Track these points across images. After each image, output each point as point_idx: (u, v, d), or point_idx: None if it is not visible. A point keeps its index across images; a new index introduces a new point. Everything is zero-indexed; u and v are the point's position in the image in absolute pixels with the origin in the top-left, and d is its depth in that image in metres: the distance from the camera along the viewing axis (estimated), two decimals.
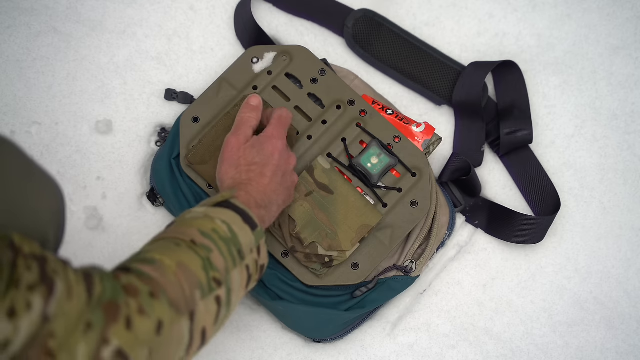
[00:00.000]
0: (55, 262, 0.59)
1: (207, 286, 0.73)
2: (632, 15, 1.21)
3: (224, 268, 0.76)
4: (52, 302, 0.56)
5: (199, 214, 0.79)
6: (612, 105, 1.18)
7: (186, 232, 0.76)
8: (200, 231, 0.76)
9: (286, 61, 1.07)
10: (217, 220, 0.78)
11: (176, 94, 1.12)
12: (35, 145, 1.09)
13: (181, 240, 0.74)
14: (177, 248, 0.73)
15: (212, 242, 0.76)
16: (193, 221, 0.78)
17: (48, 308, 0.55)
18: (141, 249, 0.75)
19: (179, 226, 0.78)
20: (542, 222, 1.10)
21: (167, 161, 1.04)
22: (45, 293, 0.55)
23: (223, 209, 0.81)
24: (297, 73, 1.07)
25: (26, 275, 0.55)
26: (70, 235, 1.05)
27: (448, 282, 1.10)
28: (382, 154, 1.02)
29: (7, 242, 0.55)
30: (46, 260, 0.58)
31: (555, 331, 1.09)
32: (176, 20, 1.17)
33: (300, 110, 1.06)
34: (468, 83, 1.14)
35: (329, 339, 1.05)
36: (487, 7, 1.21)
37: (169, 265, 0.70)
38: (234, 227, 0.79)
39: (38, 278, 0.55)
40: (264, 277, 1.00)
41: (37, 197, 0.63)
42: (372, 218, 0.98)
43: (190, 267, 0.72)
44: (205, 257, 0.74)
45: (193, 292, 0.71)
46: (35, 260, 0.56)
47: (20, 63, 1.12)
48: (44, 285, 0.56)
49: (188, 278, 0.71)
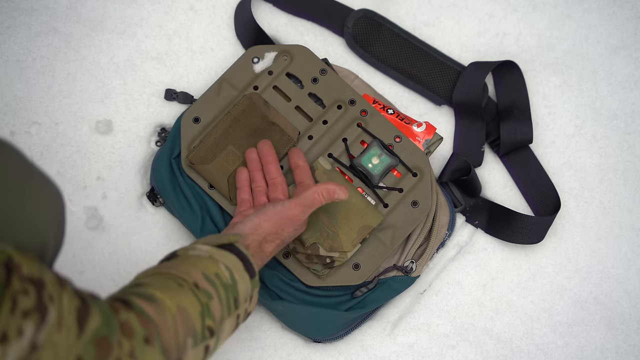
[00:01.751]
0: (53, 285, 0.58)
1: (200, 335, 0.73)
2: (632, 15, 1.21)
3: (219, 317, 0.76)
4: (43, 330, 0.55)
5: (204, 253, 0.79)
6: (612, 105, 1.18)
7: (190, 273, 0.75)
8: (204, 275, 0.76)
9: (287, 61, 1.07)
10: (220, 264, 0.79)
11: (176, 94, 1.12)
12: (35, 145, 1.09)
13: (184, 281, 0.74)
14: (179, 289, 0.73)
15: (214, 288, 0.76)
16: (197, 261, 0.78)
17: (38, 336, 0.54)
18: (142, 280, 0.74)
19: (182, 263, 0.78)
20: (542, 222, 1.10)
21: (167, 161, 1.04)
22: (38, 320, 0.54)
23: (227, 252, 0.81)
24: (298, 73, 1.07)
25: (22, 300, 0.54)
26: (70, 235, 1.05)
27: (448, 282, 1.11)
28: (383, 154, 1.02)
29: (3, 259, 0.54)
30: (43, 285, 0.57)
31: (555, 331, 1.09)
32: (176, 20, 1.16)
33: (301, 110, 1.06)
34: (468, 83, 1.14)
35: (329, 339, 1.05)
36: (487, 7, 1.21)
37: (169, 307, 0.70)
38: (235, 275, 0.79)
39: (34, 305, 0.54)
40: (264, 277, 1.00)
41: (37, 201, 0.63)
42: (373, 219, 0.98)
43: (189, 312, 0.71)
44: (205, 304, 0.74)
45: (186, 339, 0.70)
46: (33, 285, 0.55)
47: (20, 63, 1.11)
48: (38, 313, 0.55)
49: (185, 324, 0.70)
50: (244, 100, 1.04)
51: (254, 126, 1.03)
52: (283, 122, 1.03)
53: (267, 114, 1.03)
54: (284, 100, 1.06)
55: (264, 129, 1.03)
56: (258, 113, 1.03)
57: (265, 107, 1.04)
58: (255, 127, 1.03)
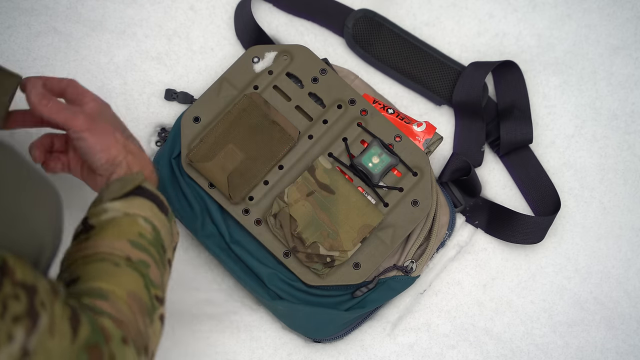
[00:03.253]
0: (46, 293, 0.57)
1: (151, 308, 0.72)
2: (632, 15, 1.21)
3: (160, 281, 0.75)
4: (34, 336, 0.54)
5: (117, 213, 0.75)
6: (612, 105, 1.18)
7: (117, 247, 0.73)
8: (131, 242, 0.73)
9: (287, 61, 1.07)
10: (139, 219, 0.76)
11: (176, 94, 1.12)
12: None
13: (118, 257, 0.72)
14: (118, 270, 0.71)
15: (146, 252, 0.74)
16: (116, 228, 0.74)
17: (29, 342, 0.54)
18: (76, 271, 0.71)
19: (103, 237, 0.74)
20: (542, 222, 1.10)
21: (167, 161, 1.04)
22: (29, 326, 0.54)
23: (138, 198, 0.77)
24: (298, 72, 1.07)
25: (13, 305, 0.53)
26: (70, 236, 1.05)
27: (448, 282, 1.10)
28: (383, 154, 1.02)
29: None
30: (36, 291, 0.56)
31: (555, 331, 1.09)
32: (176, 20, 1.16)
33: (301, 109, 1.06)
34: (468, 83, 1.14)
35: (329, 339, 1.05)
36: (487, 7, 1.21)
37: (120, 297, 0.68)
38: (155, 223, 0.77)
39: (24, 310, 0.54)
40: (264, 277, 1.00)
41: (34, 202, 0.62)
42: (373, 218, 0.98)
43: (137, 292, 0.70)
44: (145, 275, 0.72)
45: (145, 321, 0.70)
46: (25, 290, 0.55)
47: (20, 63, 1.11)
48: (29, 318, 0.54)
49: (139, 307, 0.70)
50: (244, 100, 1.04)
51: (254, 125, 1.03)
52: (283, 122, 1.03)
53: (268, 113, 1.03)
54: (284, 99, 1.06)
55: (264, 128, 1.03)
56: (258, 112, 1.03)
57: (265, 106, 1.04)
58: (256, 126, 1.03)
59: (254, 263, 1.00)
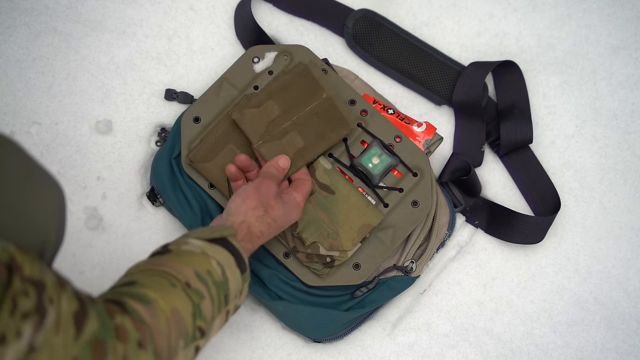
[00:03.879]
0: (53, 287, 0.58)
1: (191, 336, 0.73)
2: (632, 15, 1.21)
3: (210, 317, 0.76)
4: (41, 332, 0.55)
5: (196, 249, 0.79)
6: (612, 105, 1.18)
7: (182, 271, 0.75)
8: (196, 273, 0.76)
9: (287, 61, 1.07)
10: (212, 260, 0.78)
11: (176, 94, 1.12)
12: (35, 145, 1.08)
13: (177, 280, 0.74)
14: (172, 289, 0.72)
15: (206, 286, 0.76)
16: (189, 258, 0.77)
17: (36, 338, 0.54)
18: (135, 277, 0.73)
19: (174, 260, 0.77)
20: (542, 222, 1.10)
21: (167, 161, 1.04)
22: (37, 322, 0.54)
23: (219, 247, 0.80)
24: None
25: (23, 301, 0.54)
26: (70, 235, 1.05)
27: (448, 282, 1.11)
28: (384, 154, 1.02)
29: (5, 259, 0.54)
30: (44, 287, 0.57)
31: (555, 331, 1.09)
32: (176, 20, 1.16)
33: None
34: (468, 83, 1.14)
35: (329, 339, 1.05)
36: (487, 7, 1.21)
37: (162, 310, 0.69)
38: (227, 271, 0.79)
39: (34, 306, 0.54)
40: (264, 277, 1.00)
41: (38, 196, 0.63)
42: (373, 218, 0.98)
43: (182, 314, 0.71)
44: (196, 304, 0.74)
45: (178, 341, 0.70)
46: (34, 286, 0.55)
47: (20, 63, 1.11)
48: (37, 315, 0.55)
49: (177, 326, 0.70)
50: (244, 100, 1.04)
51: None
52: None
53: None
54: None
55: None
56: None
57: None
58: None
59: (254, 263, 1.00)
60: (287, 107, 1.00)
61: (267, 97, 1.01)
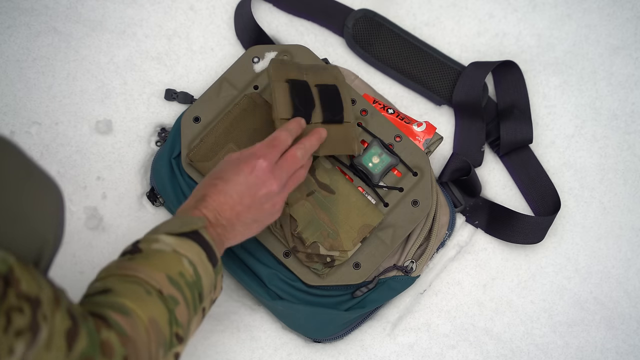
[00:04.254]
0: (49, 304, 0.58)
1: (169, 343, 0.73)
2: (632, 15, 1.21)
3: (186, 321, 0.76)
4: (33, 349, 0.55)
5: (167, 247, 0.77)
6: (612, 105, 1.18)
7: (155, 277, 0.74)
8: (169, 277, 0.75)
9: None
10: (184, 260, 0.77)
11: (176, 94, 1.12)
12: (35, 145, 1.08)
13: (151, 286, 0.73)
14: (148, 297, 0.72)
15: (179, 290, 0.75)
16: (161, 260, 0.76)
17: (28, 355, 0.54)
18: (110, 284, 0.72)
19: (146, 264, 0.75)
20: (542, 222, 1.10)
21: (167, 161, 1.04)
22: (29, 340, 0.54)
23: (191, 241, 0.79)
24: None
25: (17, 318, 0.53)
26: (70, 235, 1.05)
27: (448, 282, 1.11)
28: (384, 154, 1.02)
29: (4, 271, 0.54)
30: (39, 304, 0.56)
31: (555, 331, 1.09)
32: (176, 20, 1.16)
33: None
34: (468, 83, 1.14)
35: (329, 339, 1.05)
36: (487, 7, 1.21)
37: (141, 319, 0.69)
38: (199, 269, 0.78)
39: (28, 324, 0.54)
40: (264, 277, 1.00)
41: (36, 198, 0.62)
42: (373, 218, 0.98)
43: (159, 322, 0.71)
44: (172, 310, 0.73)
45: (158, 351, 0.70)
46: (29, 303, 0.55)
47: (20, 63, 1.11)
48: (30, 332, 0.54)
49: (156, 335, 0.70)
50: (244, 100, 1.04)
51: (255, 125, 1.03)
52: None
53: (268, 113, 1.03)
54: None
55: (264, 128, 1.03)
56: (259, 112, 1.03)
57: (266, 106, 1.04)
58: (256, 126, 1.03)
59: (254, 263, 1.00)
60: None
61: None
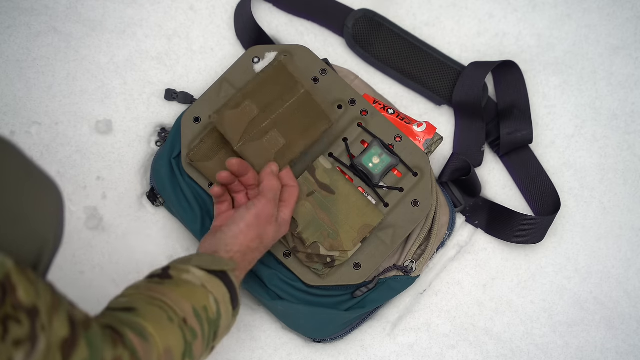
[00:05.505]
0: (47, 312, 0.57)
1: None
2: (632, 15, 1.21)
3: (199, 356, 0.77)
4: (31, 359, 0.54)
5: (196, 280, 0.79)
6: (612, 105, 1.18)
7: (181, 306, 0.75)
8: (194, 309, 0.76)
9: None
10: (210, 297, 0.79)
11: (176, 94, 1.12)
12: (35, 145, 1.08)
13: (175, 314, 0.74)
14: (169, 325, 0.73)
15: (200, 324, 0.76)
16: (189, 291, 0.78)
17: None
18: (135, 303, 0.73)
19: (175, 292, 0.77)
20: (542, 222, 1.10)
21: (167, 161, 1.04)
22: (28, 350, 0.54)
23: (218, 281, 0.81)
24: (298, 73, 1.06)
25: (15, 329, 0.53)
26: (70, 235, 1.05)
27: (448, 282, 1.11)
28: (384, 154, 1.02)
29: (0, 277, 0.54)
30: (37, 314, 0.56)
31: (555, 331, 1.09)
32: (176, 20, 1.16)
33: None
34: (468, 83, 1.14)
35: (329, 339, 1.05)
36: (487, 7, 1.21)
37: (157, 347, 0.70)
38: (222, 309, 0.80)
39: (27, 335, 0.54)
40: (264, 277, 1.00)
41: (36, 199, 0.62)
42: (373, 218, 0.98)
43: (174, 353, 0.72)
44: (189, 343, 0.74)
45: None
46: (27, 314, 0.55)
47: (20, 63, 1.11)
48: (29, 343, 0.54)
49: None
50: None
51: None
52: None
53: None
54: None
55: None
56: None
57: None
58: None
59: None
60: (265, 106, 0.99)
61: (244, 98, 0.99)
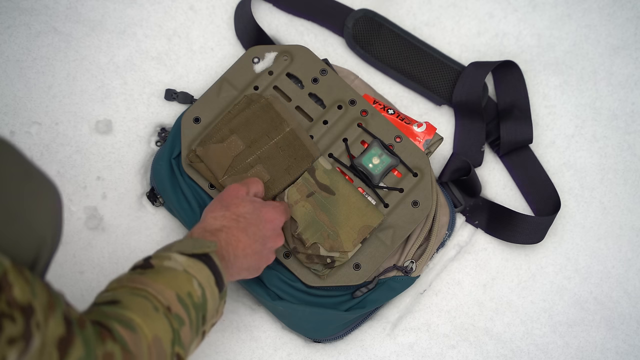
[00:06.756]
0: (42, 311, 0.57)
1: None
2: (632, 15, 1.21)
3: (188, 342, 0.76)
4: (25, 358, 0.54)
5: (178, 266, 0.78)
6: (612, 105, 1.18)
7: (165, 294, 0.75)
8: (178, 296, 0.75)
9: (287, 61, 1.07)
10: (194, 281, 0.78)
11: (176, 94, 1.12)
12: (35, 145, 1.08)
13: (160, 303, 0.74)
14: (155, 314, 0.72)
15: (186, 311, 0.76)
16: (172, 278, 0.77)
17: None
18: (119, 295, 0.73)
19: (157, 280, 0.76)
20: (542, 222, 1.10)
21: (167, 161, 1.04)
22: (22, 349, 0.54)
23: (201, 264, 0.80)
24: (298, 73, 1.06)
25: (9, 327, 0.53)
26: (70, 235, 1.05)
27: (448, 282, 1.11)
28: (384, 154, 1.02)
29: None
30: (32, 313, 0.56)
31: (555, 331, 1.09)
32: (176, 20, 1.16)
33: (301, 110, 1.06)
34: (468, 83, 1.14)
35: (329, 339, 1.05)
36: (487, 7, 1.21)
37: (146, 336, 0.69)
38: (207, 292, 0.79)
39: (20, 333, 0.54)
40: (263, 277, 1.00)
41: (35, 200, 0.62)
42: (373, 218, 0.98)
43: (163, 341, 0.72)
44: (176, 330, 0.74)
45: None
46: (22, 312, 0.55)
47: (20, 63, 1.11)
48: (23, 341, 0.54)
49: (158, 355, 0.71)
50: (244, 100, 1.04)
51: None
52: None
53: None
54: (285, 100, 1.06)
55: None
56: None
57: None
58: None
59: None
60: (251, 142, 1.01)
61: (230, 132, 1.01)
